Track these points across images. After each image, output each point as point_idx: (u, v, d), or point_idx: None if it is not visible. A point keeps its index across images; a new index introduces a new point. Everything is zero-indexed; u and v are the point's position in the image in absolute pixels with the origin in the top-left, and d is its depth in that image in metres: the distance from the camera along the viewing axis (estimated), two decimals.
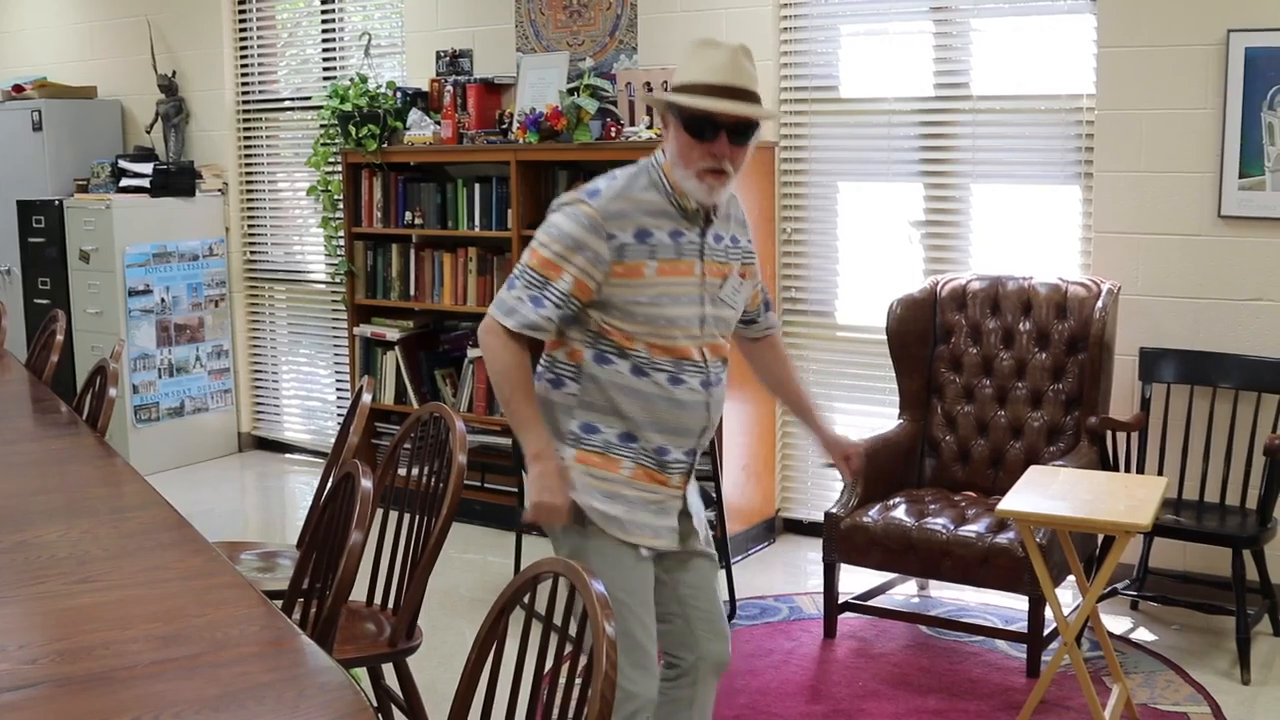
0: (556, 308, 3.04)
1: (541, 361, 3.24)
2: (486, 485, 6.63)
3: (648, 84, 6.14)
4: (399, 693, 3.66)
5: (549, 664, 2.41)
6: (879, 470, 5.14)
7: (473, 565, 6.05)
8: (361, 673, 3.86)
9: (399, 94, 6.88)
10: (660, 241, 3.05)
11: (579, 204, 3.04)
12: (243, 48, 8.05)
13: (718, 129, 3.00)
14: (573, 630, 2.34)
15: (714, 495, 5.39)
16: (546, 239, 3.05)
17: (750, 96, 3.01)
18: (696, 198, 3.06)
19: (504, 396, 3.13)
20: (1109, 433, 5.08)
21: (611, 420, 3.13)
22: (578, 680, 2.22)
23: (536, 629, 2.60)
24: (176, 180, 7.81)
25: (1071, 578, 4.49)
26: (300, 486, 7.60)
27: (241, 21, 8.03)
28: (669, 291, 3.06)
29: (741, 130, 3.03)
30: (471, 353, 6.69)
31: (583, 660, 2.20)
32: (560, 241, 3.03)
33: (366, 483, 2.97)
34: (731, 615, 5.27)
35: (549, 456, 3.09)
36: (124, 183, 7.85)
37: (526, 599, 2.44)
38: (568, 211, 3.05)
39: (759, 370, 3.57)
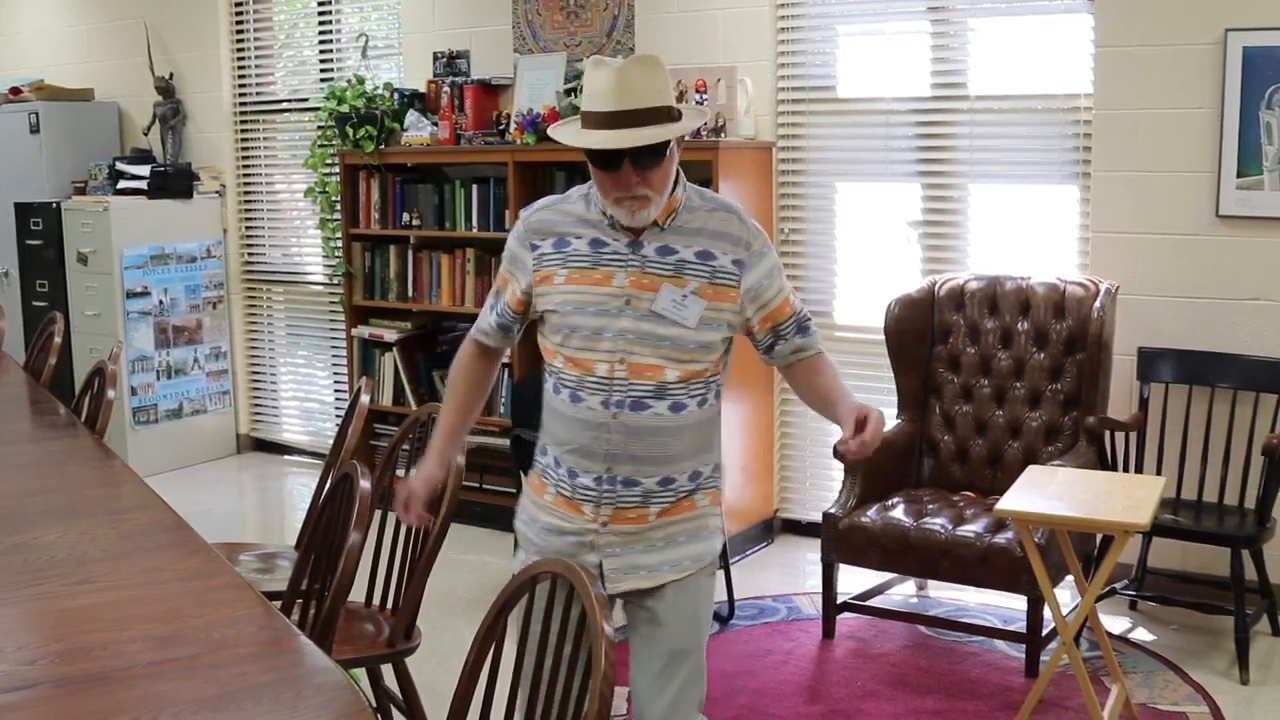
0: (498, 317, 3.11)
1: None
2: (485, 486, 6.63)
3: None
4: (398, 693, 3.67)
5: (548, 664, 2.41)
6: (877, 470, 5.14)
7: (471, 566, 6.05)
8: (361, 673, 3.86)
9: (396, 95, 6.88)
10: (576, 250, 2.94)
11: (519, 219, 3.07)
12: (240, 49, 8.05)
13: (619, 158, 2.79)
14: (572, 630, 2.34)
15: None
16: (503, 257, 3.11)
17: (639, 117, 2.77)
18: (624, 222, 2.89)
19: (443, 401, 3.29)
20: (1107, 432, 5.08)
21: (546, 441, 3.07)
22: (576, 680, 2.22)
23: (536, 629, 2.60)
24: (174, 182, 7.80)
25: (1070, 577, 4.49)
26: (299, 488, 7.60)
27: (238, 23, 8.03)
28: (574, 300, 2.92)
29: (645, 153, 2.79)
30: None
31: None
32: (505, 256, 3.08)
33: (365, 483, 2.98)
34: (730, 616, 5.27)
35: (430, 453, 3.21)
36: (121, 185, 7.84)
37: (525, 599, 2.44)
38: (514, 228, 3.09)
39: (802, 396, 3.20)
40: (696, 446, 3.01)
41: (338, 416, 7.76)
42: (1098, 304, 5.11)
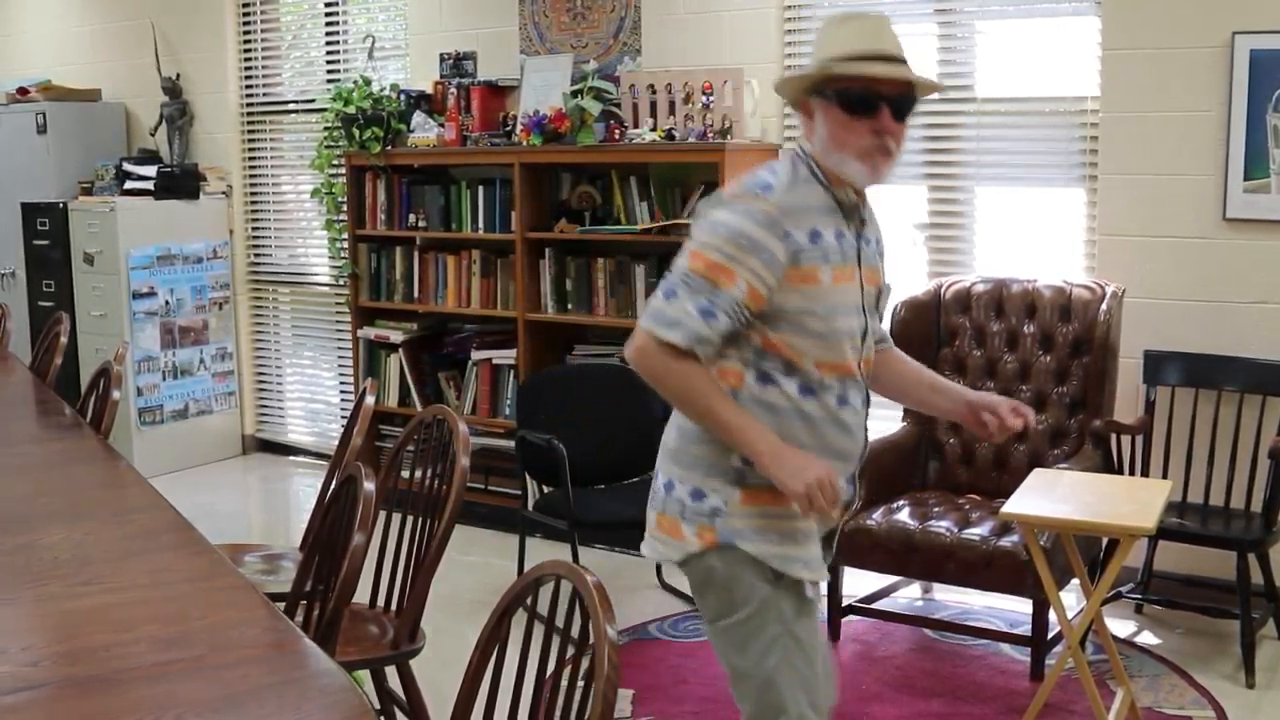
0: (728, 318, 2.66)
1: None
2: (490, 488, 6.63)
3: (652, 87, 6.13)
4: (402, 695, 3.66)
5: (551, 667, 2.40)
6: (882, 473, 5.13)
7: (476, 568, 6.04)
8: (364, 675, 3.86)
9: (402, 96, 6.89)
10: (829, 244, 2.72)
11: (752, 199, 2.69)
12: (246, 50, 8.05)
13: (879, 102, 2.69)
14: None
15: None
16: (713, 239, 2.68)
17: (905, 65, 2.73)
18: (859, 183, 2.75)
19: (697, 411, 2.74)
20: (1113, 435, 5.07)
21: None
22: (580, 682, 2.21)
23: (539, 631, 2.59)
24: (180, 183, 7.81)
25: (1076, 581, 4.48)
26: (304, 489, 7.60)
27: (245, 24, 8.03)
28: (842, 301, 2.74)
29: (903, 103, 2.73)
30: (475, 355, 6.69)
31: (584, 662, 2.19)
32: (732, 242, 2.65)
33: (369, 485, 2.97)
34: None
35: (784, 445, 2.71)
36: (128, 185, 7.86)
37: (529, 601, 2.44)
38: (739, 208, 2.69)
39: (888, 391, 3.14)
40: None
41: (343, 417, 7.76)
42: (1104, 307, 5.11)
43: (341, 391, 7.95)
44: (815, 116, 2.77)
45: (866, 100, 2.68)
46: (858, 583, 5.25)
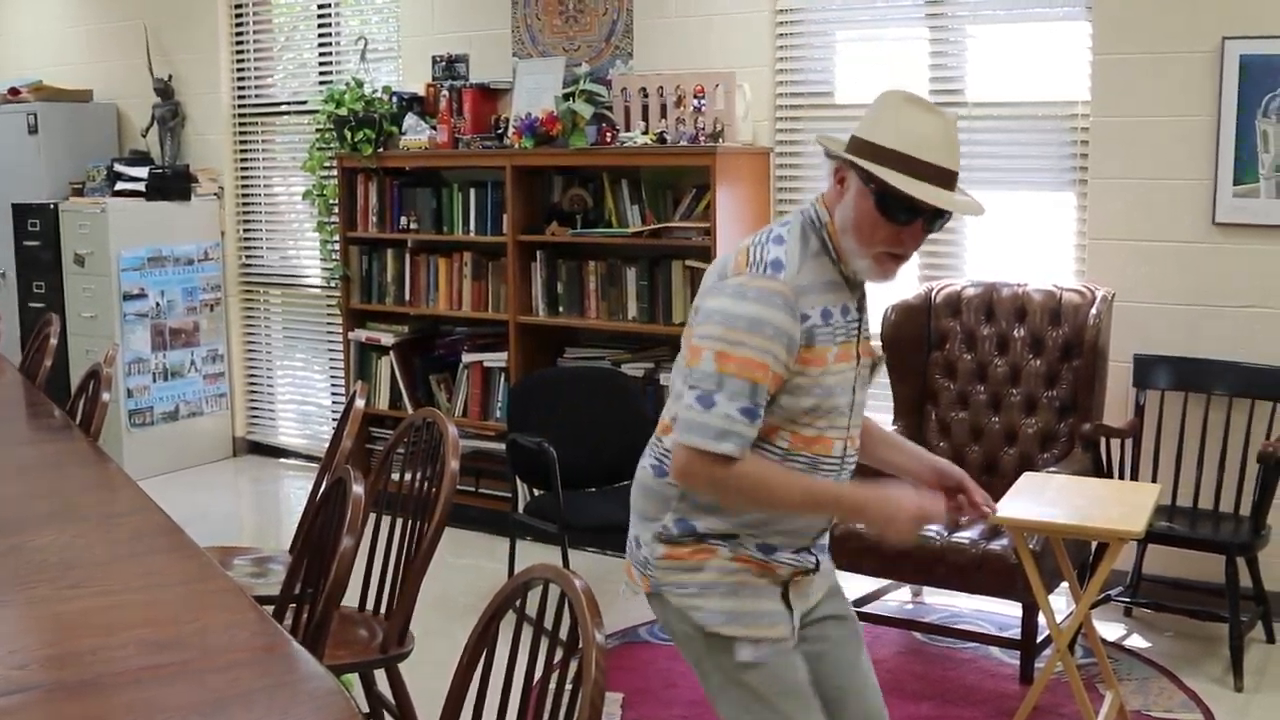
0: (762, 412, 2.58)
1: (651, 443, 2.84)
2: (481, 490, 6.63)
3: (644, 90, 6.13)
4: (391, 699, 3.66)
5: (539, 671, 2.40)
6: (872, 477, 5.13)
7: (467, 570, 6.04)
8: (354, 678, 3.86)
9: (395, 98, 6.89)
10: (836, 322, 2.63)
11: (765, 281, 2.55)
12: (239, 52, 8.05)
13: (915, 214, 2.56)
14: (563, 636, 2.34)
15: None
16: (736, 334, 2.53)
17: (956, 179, 2.61)
18: (864, 279, 2.67)
19: (793, 505, 2.67)
20: (1103, 439, 5.08)
21: (740, 528, 2.70)
22: (568, 686, 2.21)
23: (527, 635, 2.59)
24: (172, 184, 7.80)
25: (1065, 584, 4.49)
26: (295, 491, 7.60)
27: (238, 26, 8.03)
28: (839, 381, 2.65)
29: (939, 218, 2.61)
30: (466, 357, 6.69)
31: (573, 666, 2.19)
32: (757, 332, 2.53)
33: (358, 488, 2.97)
34: None
35: (870, 491, 2.70)
36: (119, 186, 7.85)
37: (518, 605, 2.44)
38: (752, 293, 2.54)
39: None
40: None
41: (334, 420, 7.76)
42: (1094, 311, 5.12)
43: (333, 394, 7.94)
44: (847, 193, 2.62)
45: (906, 211, 2.56)
46: (848, 586, 5.23)
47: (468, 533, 6.48)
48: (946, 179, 2.57)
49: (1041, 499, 4.19)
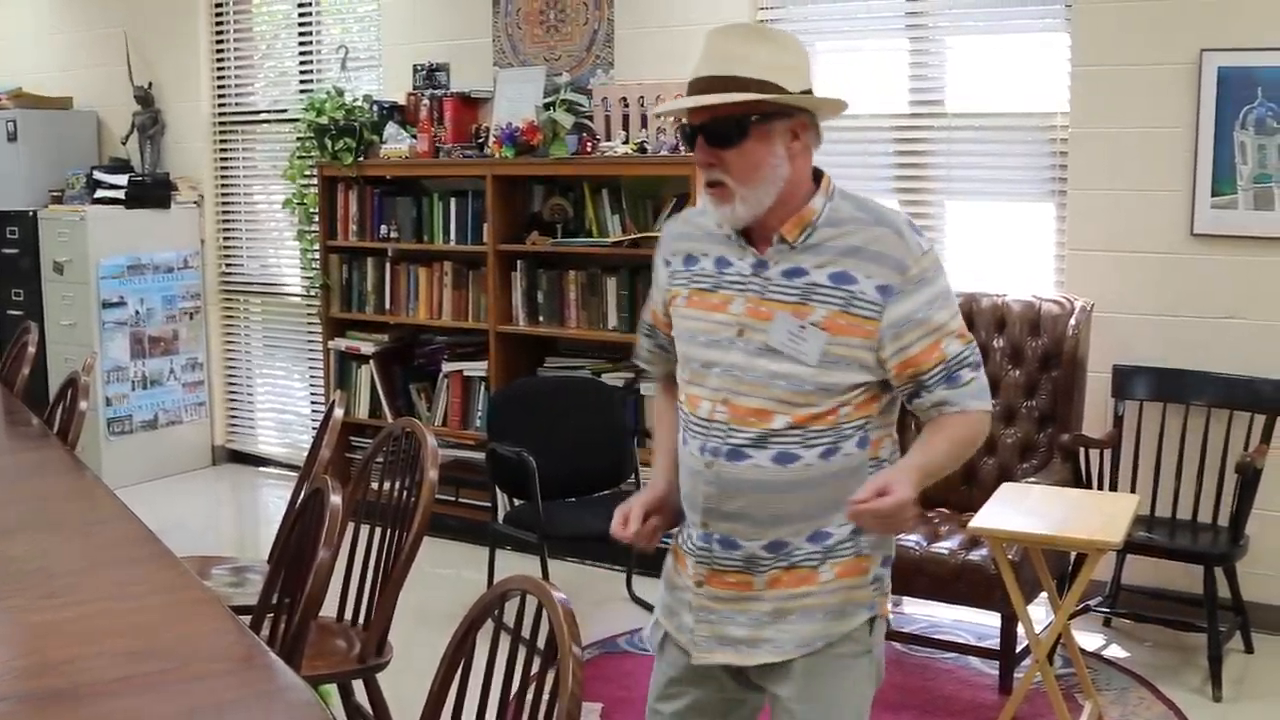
0: (648, 337, 2.79)
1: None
2: (461, 500, 6.62)
3: (624, 99, 6.14)
4: (369, 709, 3.65)
5: (516, 681, 2.40)
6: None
7: (447, 580, 6.03)
8: (332, 689, 3.85)
9: (375, 107, 6.88)
10: (702, 270, 2.56)
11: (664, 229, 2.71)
12: (219, 60, 8.03)
13: (694, 134, 2.45)
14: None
15: None
16: None
17: (722, 84, 2.38)
18: (718, 218, 2.51)
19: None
20: (1082, 450, 5.09)
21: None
22: (545, 697, 2.21)
23: (505, 645, 2.59)
24: (152, 192, 7.78)
25: (1044, 594, 4.50)
26: (274, 500, 7.57)
27: (219, 34, 8.01)
28: (690, 327, 2.56)
29: (718, 130, 2.41)
30: (446, 367, 6.68)
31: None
32: (654, 269, 2.74)
33: (336, 498, 2.96)
34: None
35: (652, 480, 2.73)
36: (99, 194, 7.83)
37: (497, 614, 2.43)
38: None
39: None
40: (822, 505, 2.50)
41: (314, 428, 7.69)
42: (1073, 321, 5.13)
43: (312, 402, 7.92)
44: None
45: (685, 135, 2.50)
46: None
47: (448, 542, 6.46)
48: (701, 86, 2.40)
49: (1020, 509, 4.20)
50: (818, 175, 2.56)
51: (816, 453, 2.47)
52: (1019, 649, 4.70)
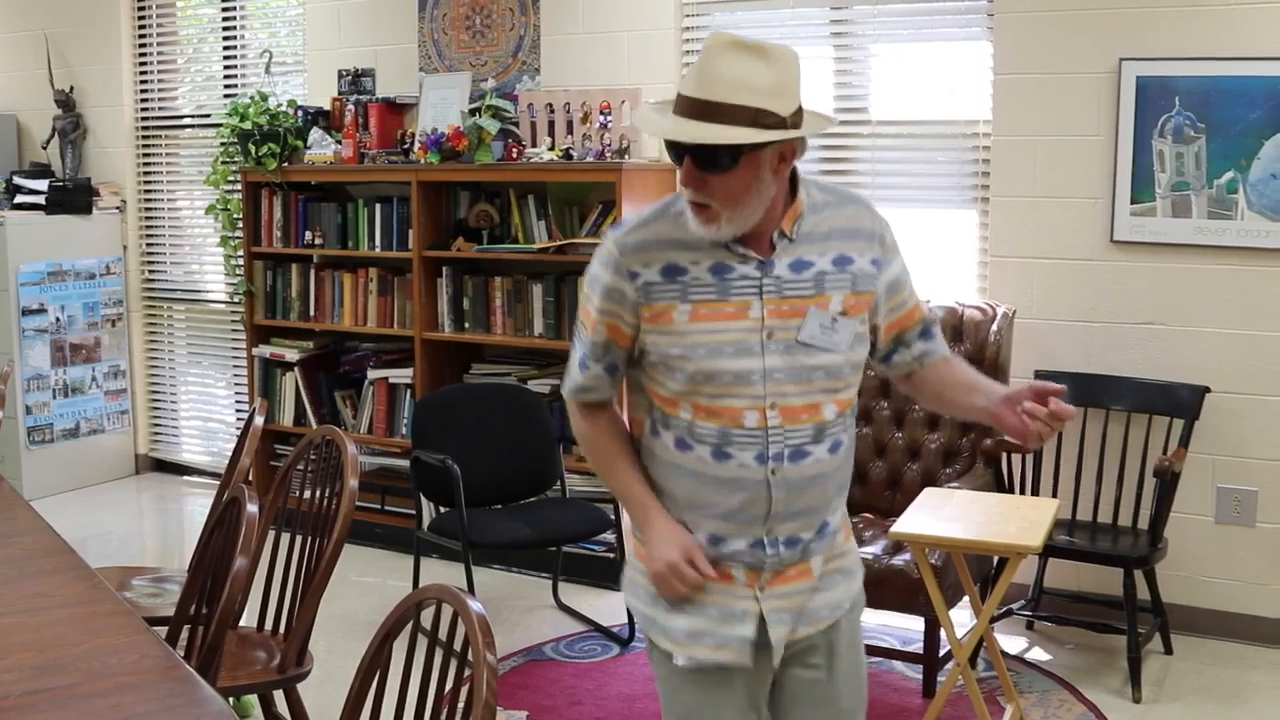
0: (596, 362, 2.58)
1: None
2: (386, 508, 6.58)
3: (550, 106, 6.14)
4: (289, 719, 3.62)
5: (433, 690, 2.38)
6: None
7: (371, 588, 5.99)
8: (254, 700, 3.81)
9: (300, 112, 6.83)
10: (697, 279, 2.47)
11: (603, 242, 2.56)
12: (142, 64, 7.94)
13: (681, 154, 2.42)
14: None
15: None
16: (584, 288, 2.62)
17: (719, 112, 2.35)
18: (697, 232, 2.46)
19: (599, 473, 2.69)
20: (1004, 454, 5.14)
21: (665, 504, 2.58)
22: (460, 705, 2.20)
23: (422, 654, 2.58)
24: (73, 197, 7.68)
25: (967, 598, 4.53)
26: (198, 509, 7.49)
27: (142, 38, 7.93)
28: (708, 341, 2.45)
29: (704, 155, 2.39)
30: (372, 374, 6.64)
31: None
32: (590, 286, 2.57)
33: (252, 507, 2.94)
34: (630, 638, 5.25)
35: (656, 516, 2.56)
36: (18, 199, 7.71)
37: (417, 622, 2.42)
38: (596, 252, 2.57)
39: (928, 401, 2.83)
40: (845, 481, 2.64)
41: (238, 436, 7.66)
42: (995, 327, 5.18)
43: (237, 410, 7.85)
44: None
45: (670, 150, 2.45)
46: None
47: (373, 550, 6.43)
48: (695, 109, 2.37)
49: (942, 514, 4.23)
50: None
51: (849, 435, 2.60)
52: (942, 653, 4.73)
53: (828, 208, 2.56)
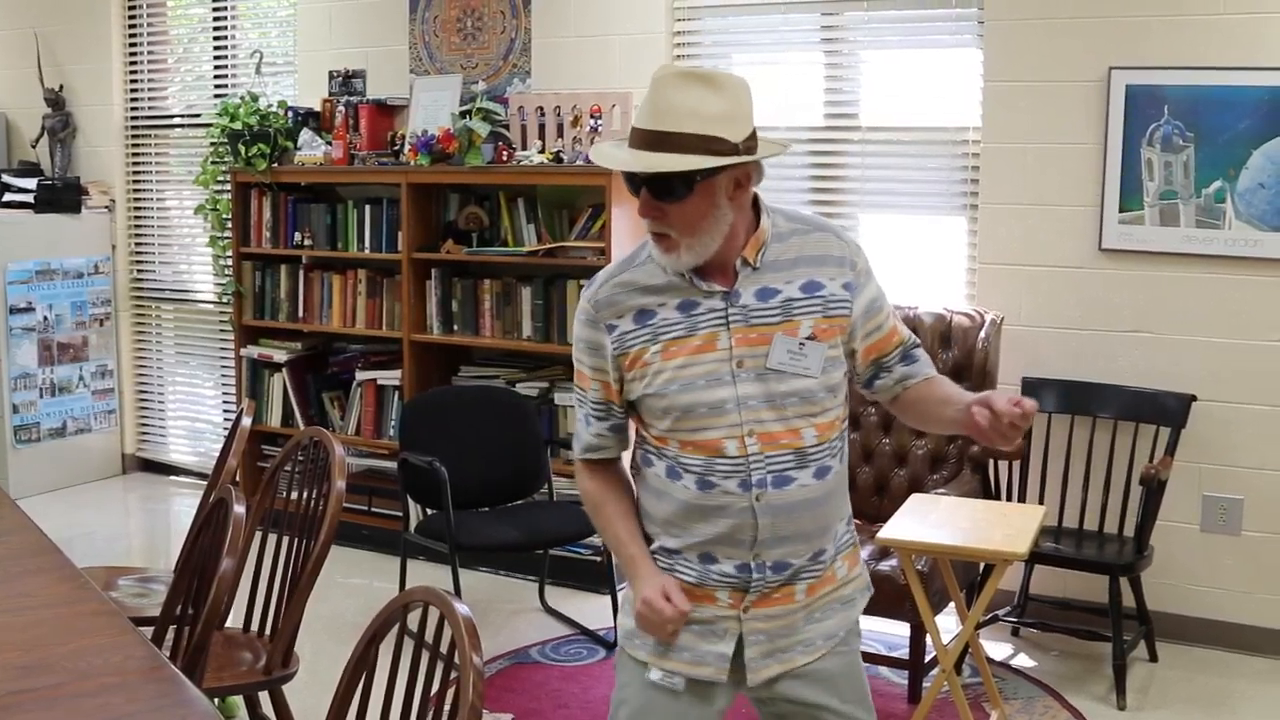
0: (601, 420, 2.66)
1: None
2: (374, 510, 6.57)
3: (541, 109, 6.14)
4: None
5: (419, 692, 2.38)
6: None
7: (358, 590, 5.98)
8: (239, 701, 3.81)
9: (290, 113, 6.82)
10: (665, 319, 2.54)
11: (581, 302, 2.65)
12: (133, 63, 7.93)
13: (637, 185, 2.48)
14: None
15: None
16: (574, 351, 2.69)
17: (672, 141, 2.40)
18: (662, 263, 2.54)
19: (597, 528, 2.77)
20: (991, 461, 5.15)
21: (654, 529, 2.65)
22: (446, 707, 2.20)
23: (408, 656, 2.57)
24: (62, 196, 7.67)
25: (954, 604, 4.54)
26: (184, 509, 7.47)
27: (132, 37, 7.91)
28: (680, 376, 2.51)
29: (661, 184, 2.43)
30: (360, 375, 6.64)
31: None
32: (577, 347, 2.66)
33: (239, 508, 2.93)
34: (615, 644, 5.24)
35: (642, 564, 2.62)
36: (7, 198, 7.69)
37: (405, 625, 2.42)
38: (575, 314, 2.68)
39: (915, 422, 2.82)
40: (841, 506, 2.69)
41: (226, 437, 7.65)
42: (983, 334, 5.19)
43: (224, 411, 7.83)
44: None
45: (629, 183, 2.50)
46: None
47: (360, 552, 6.42)
48: (648, 140, 2.41)
49: (929, 520, 4.23)
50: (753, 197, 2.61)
51: (839, 459, 2.63)
52: (928, 659, 4.74)
53: (794, 235, 2.61)
